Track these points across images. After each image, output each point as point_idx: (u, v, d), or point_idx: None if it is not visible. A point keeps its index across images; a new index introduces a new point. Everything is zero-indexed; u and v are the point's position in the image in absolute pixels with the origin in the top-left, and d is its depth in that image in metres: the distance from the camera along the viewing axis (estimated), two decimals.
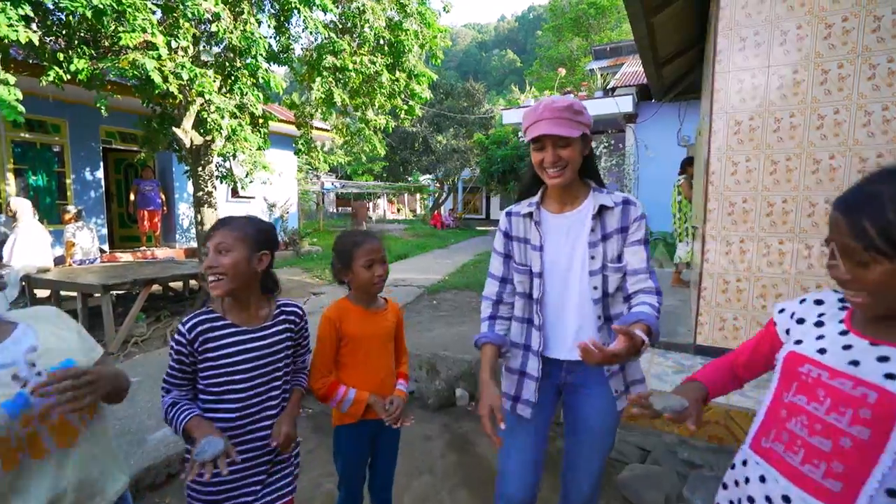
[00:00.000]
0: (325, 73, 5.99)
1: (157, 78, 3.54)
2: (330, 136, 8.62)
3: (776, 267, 2.87)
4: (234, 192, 10.26)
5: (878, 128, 2.57)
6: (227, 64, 4.64)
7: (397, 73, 6.83)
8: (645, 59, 5.55)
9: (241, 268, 1.21)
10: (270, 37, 6.77)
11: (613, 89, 10.14)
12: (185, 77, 3.82)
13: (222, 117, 4.36)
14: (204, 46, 4.57)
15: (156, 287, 5.72)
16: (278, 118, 8.06)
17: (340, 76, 6.22)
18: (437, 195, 22.35)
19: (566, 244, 1.35)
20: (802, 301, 1.01)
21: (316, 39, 6.53)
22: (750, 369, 1.08)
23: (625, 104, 9.51)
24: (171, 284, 5.73)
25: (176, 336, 1.23)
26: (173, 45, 3.72)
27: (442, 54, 7.32)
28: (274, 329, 1.31)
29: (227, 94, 5.00)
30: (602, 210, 1.32)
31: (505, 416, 1.29)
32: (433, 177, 22.23)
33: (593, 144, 1.42)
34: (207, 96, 4.13)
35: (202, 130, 5.10)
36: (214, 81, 4.38)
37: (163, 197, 8.76)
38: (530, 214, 1.39)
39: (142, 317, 4.46)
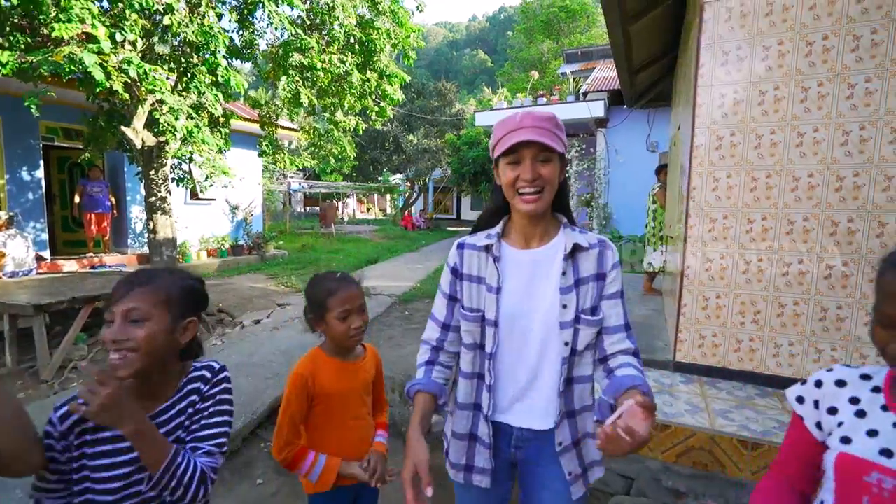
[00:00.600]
0: (291, 72, 5.69)
1: (98, 74, 3.18)
2: (296, 135, 8.26)
3: (755, 284, 2.84)
4: (194, 195, 9.71)
5: (856, 147, 2.57)
6: (184, 60, 4.29)
7: (368, 73, 6.59)
8: (620, 66, 5.53)
9: (158, 342, 0.93)
10: (233, 31, 6.41)
11: (586, 94, 10.20)
12: (133, 74, 3.47)
13: (176, 118, 4.02)
14: (158, 40, 4.20)
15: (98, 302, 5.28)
16: (241, 116, 7.65)
17: (308, 75, 5.93)
18: (407, 195, 22.08)
19: (530, 287, 1.12)
20: (818, 384, 0.87)
21: (282, 36, 6.21)
22: (809, 480, 0.89)
23: (596, 109, 9.58)
24: None
25: (46, 427, 0.92)
26: (118, 37, 3.37)
27: (415, 54, 7.13)
28: (173, 412, 0.98)
29: (184, 93, 4.64)
30: (576, 250, 1.11)
31: (456, 492, 1.21)
32: (404, 176, 21.95)
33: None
34: (159, 95, 3.79)
35: (155, 130, 4.72)
36: (168, 79, 4.03)
37: (112, 199, 8.16)
38: (488, 248, 1.15)
39: (82, 338, 4.06)
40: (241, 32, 6.22)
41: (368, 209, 32.19)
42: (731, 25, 2.77)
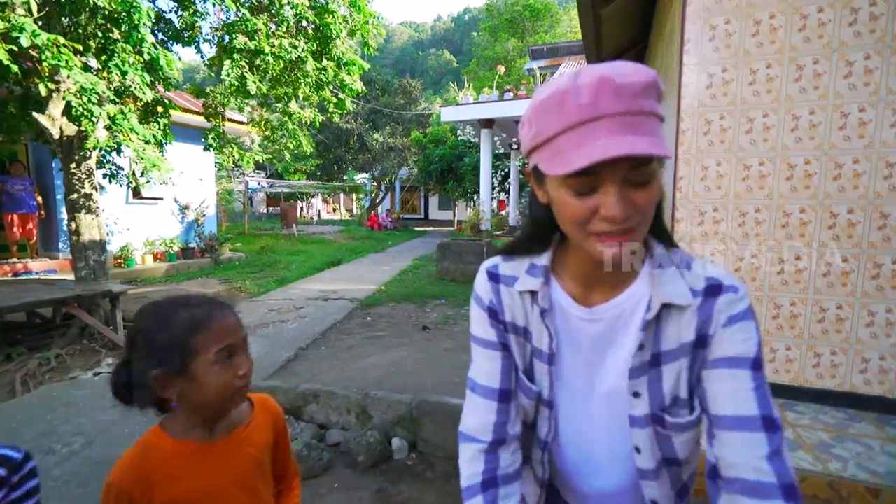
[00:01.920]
0: (236, 56, 5.13)
1: None
2: (246, 129, 7.64)
3: (749, 283, 2.59)
4: (137, 193, 8.89)
5: (855, 131, 2.35)
6: (101, 35, 3.70)
7: (325, 61, 6.09)
8: (590, 55, 5.29)
9: None
10: (171, 11, 5.78)
11: None
12: (25, 43, 2.89)
13: (90, 99, 3.43)
14: (66, 9, 3.59)
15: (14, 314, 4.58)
16: (182, 107, 6.98)
17: (256, 60, 5.38)
18: (373, 195, 21.49)
19: (588, 362, 0.71)
20: None
21: (227, 18, 5.63)
22: None
23: None
24: (39, 310, 4.60)
25: None
26: None
27: (375, 42, 6.68)
28: None
29: (105, 74, 4.03)
30: (664, 310, 0.65)
31: None
32: (369, 176, 21.35)
33: None
34: (66, 72, 3.20)
35: (73, 118, 4.08)
36: (80, 55, 3.44)
37: (39, 198, 7.31)
38: (534, 294, 0.71)
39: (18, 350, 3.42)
40: (180, 13, 5.62)
41: (335, 210, 31.28)
42: None
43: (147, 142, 4.17)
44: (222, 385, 0.80)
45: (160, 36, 5.65)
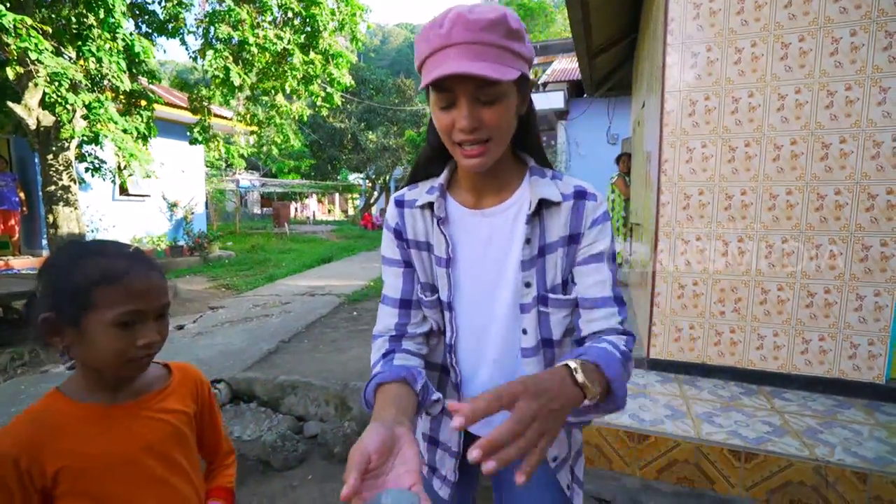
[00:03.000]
0: (218, 47, 5.05)
1: None
2: (233, 125, 7.53)
3: (735, 268, 2.53)
4: (123, 190, 8.77)
5: (842, 110, 2.29)
6: (75, 20, 3.60)
7: (312, 54, 6.02)
8: (579, 46, 5.23)
9: None
10: (154, 2, 5.69)
11: (545, 84, 9.98)
12: None
13: (63, 86, 3.33)
14: None
15: None
16: (168, 102, 6.88)
17: (240, 51, 5.30)
18: (368, 194, 21.37)
19: (485, 259, 0.82)
20: None
21: (212, 8, 5.55)
22: None
23: (556, 100, 9.35)
24: (14, 304, 4.48)
25: None
26: None
27: (363, 37, 6.61)
28: None
29: (80, 61, 3.94)
30: (543, 207, 0.79)
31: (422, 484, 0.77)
32: (364, 175, 21.25)
33: None
34: (34, 55, 3.10)
35: (47, 106, 3.98)
36: (53, 39, 3.34)
37: (21, 195, 7.18)
38: (430, 206, 0.83)
39: None
40: (163, 4, 5.53)
41: (329, 210, 31.13)
42: None
43: (127, 132, 4.07)
44: (114, 351, 0.70)
45: (144, 28, 5.56)
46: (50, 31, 3.33)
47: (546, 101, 9.31)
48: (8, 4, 3.12)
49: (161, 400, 0.80)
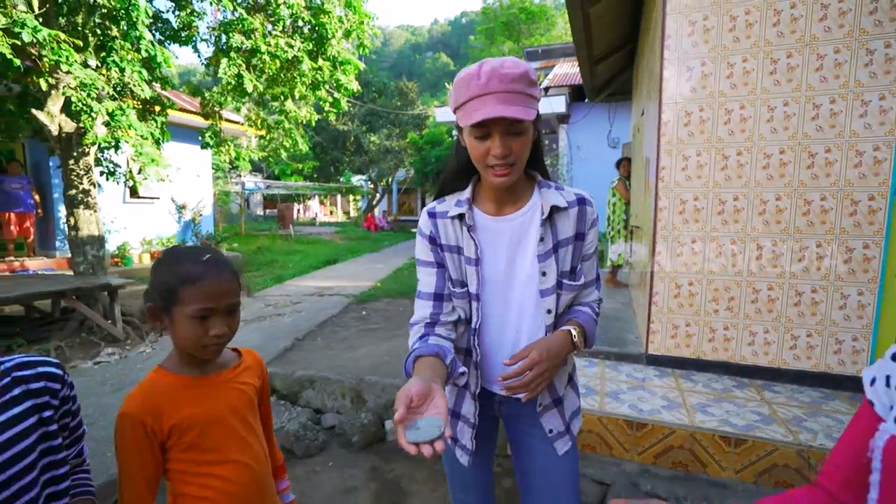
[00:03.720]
0: (232, 55, 5.22)
1: None
2: (243, 129, 7.71)
3: (728, 269, 2.69)
4: (134, 192, 8.94)
5: (826, 121, 2.46)
6: (100, 32, 3.78)
7: (320, 60, 6.19)
8: (581, 54, 5.40)
9: None
10: (169, 11, 5.86)
11: (547, 89, 10.15)
12: (26, 38, 2.96)
13: (89, 94, 3.51)
14: (66, 8, 3.66)
15: (12, 307, 4.63)
16: (180, 107, 7.05)
17: (253, 59, 5.47)
18: (370, 196, 21.55)
19: (506, 257, 1.04)
20: (894, 356, 0.63)
21: (224, 17, 5.72)
22: (852, 487, 0.62)
23: (558, 104, 9.52)
24: (38, 304, 4.66)
25: None
26: None
27: (370, 43, 6.78)
28: (3, 418, 0.71)
29: (104, 71, 4.11)
30: (553, 212, 1.02)
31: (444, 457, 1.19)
32: (366, 177, 21.42)
33: None
34: (66, 67, 3.28)
35: (73, 114, 4.15)
36: (80, 52, 3.52)
37: (37, 197, 7.35)
38: (461, 217, 1.04)
39: None
40: (177, 13, 5.70)
41: (331, 212, 31.31)
42: None
43: (144, 138, 4.25)
44: (192, 338, 0.89)
45: (158, 35, 5.73)
46: (81, 44, 3.50)
47: (548, 105, 9.47)
48: (41, 19, 3.30)
49: (238, 374, 1.00)
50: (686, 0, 2.64)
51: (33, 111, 4.36)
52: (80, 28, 3.78)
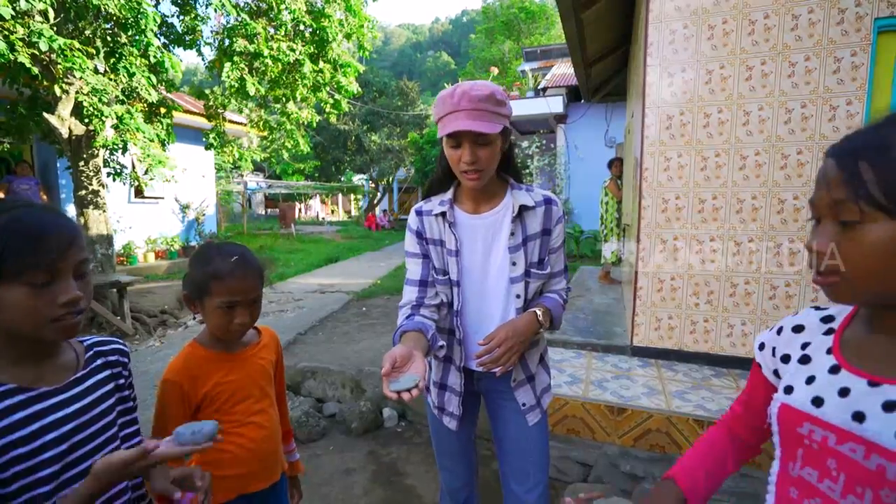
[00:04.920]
0: (236, 59, 5.38)
1: None
2: (245, 130, 7.88)
3: (708, 264, 2.84)
4: (139, 193, 9.11)
5: (798, 125, 2.60)
6: (110, 39, 3.94)
7: (321, 63, 6.34)
8: (574, 56, 5.54)
9: None
10: (173, 15, 6.02)
11: (545, 90, 10.28)
12: (44, 48, 3.12)
13: (100, 99, 3.67)
14: (76, 15, 3.82)
15: None
16: (184, 108, 7.20)
17: (255, 63, 5.63)
18: (371, 196, 21.71)
19: (482, 249, 1.22)
20: (780, 330, 0.78)
21: (227, 22, 5.88)
22: (752, 429, 0.82)
23: (555, 104, 9.66)
24: None
25: None
26: (23, 5, 3.01)
27: (370, 45, 6.93)
28: (91, 382, 0.82)
29: (113, 76, 4.27)
30: (522, 211, 1.19)
31: (430, 421, 1.38)
32: (367, 177, 21.57)
33: (525, 143, 1.30)
34: (79, 74, 3.44)
35: (84, 118, 4.32)
36: (92, 58, 3.67)
37: (45, 197, 7.51)
38: (443, 214, 1.21)
39: None
40: (181, 18, 5.86)
41: (333, 211, 31.49)
42: (676, 4, 2.76)
43: (151, 140, 4.41)
44: (219, 325, 1.06)
45: (163, 39, 5.89)
46: (93, 52, 3.67)
47: (545, 105, 9.61)
48: (55, 28, 3.46)
49: (258, 350, 1.17)
50: (667, 10, 2.79)
51: (44, 115, 4.53)
52: (90, 36, 3.94)
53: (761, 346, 0.79)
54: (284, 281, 7.10)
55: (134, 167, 6.39)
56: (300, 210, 25.06)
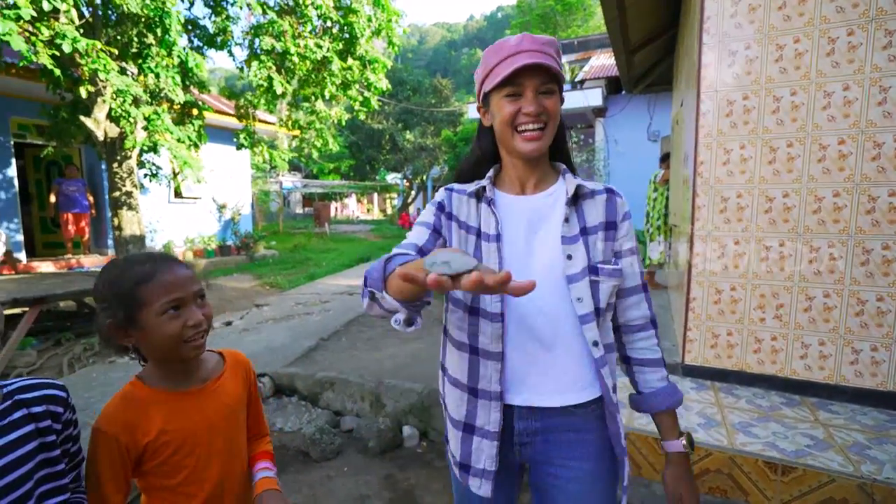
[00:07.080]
0: (262, 58, 5.31)
1: (19, 45, 2.80)
2: (275, 129, 7.89)
3: (777, 273, 2.43)
4: (178, 193, 9.36)
5: (894, 107, 2.16)
6: (136, 40, 3.91)
7: (350, 60, 6.21)
8: (615, 44, 5.13)
9: None
10: (205, 17, 6.05)
11: (582, 82, 9.79)
12: (67, 49, 3.09)
13: (125, 100, 3.64)
14: (101, 14, 3.82)
15: (67, 303, 4.92)
16: (214, 109, 7.28)
17: (283, 61, 5.55)
18: (405, 194, 21.69)
19: (525, 237, 0.91)
20: None
21: (257, 21, 5.84)
22: None
23: (594, 97, 9.17)
24: (87, 300, 4.92)
25: None
26: (46, 6, 2.99)
27: (400, 41, 6.74)
28: (2, 442, 0.68)
29: (140, 77, 4.27)
30: (579, 196, 0.94)
31: (455, 487, 1.02)
32: (401, 175, 21.57)
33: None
34: (103, 75, 3.41)
35: (113, 120, 4.35)
36: (118, 59, 3.65)
37: (91, 198, 7.82)
38: (480, 192, 0.95)
39: (30, 342, 3.69)
40: (213, 19, 5.87)
41: (368, 210, 31.81)
42: None
43: (181, 141, 4.38)
44: (170, 336, 0.82)
45: (195, 42, 5.93)
46: (117, 52, 3.65)
47: (583, 98, 9.14)
48: (81, 30, 3.45)
49: (220, 385, 0.93)
50: None
51: (82, 118, 4.60)
52: (119, 38, 3.94)
53: None
54: (314, 281, 7.05)
55: (173, 170, 6.48)
56: (336, 209, 25.42)
